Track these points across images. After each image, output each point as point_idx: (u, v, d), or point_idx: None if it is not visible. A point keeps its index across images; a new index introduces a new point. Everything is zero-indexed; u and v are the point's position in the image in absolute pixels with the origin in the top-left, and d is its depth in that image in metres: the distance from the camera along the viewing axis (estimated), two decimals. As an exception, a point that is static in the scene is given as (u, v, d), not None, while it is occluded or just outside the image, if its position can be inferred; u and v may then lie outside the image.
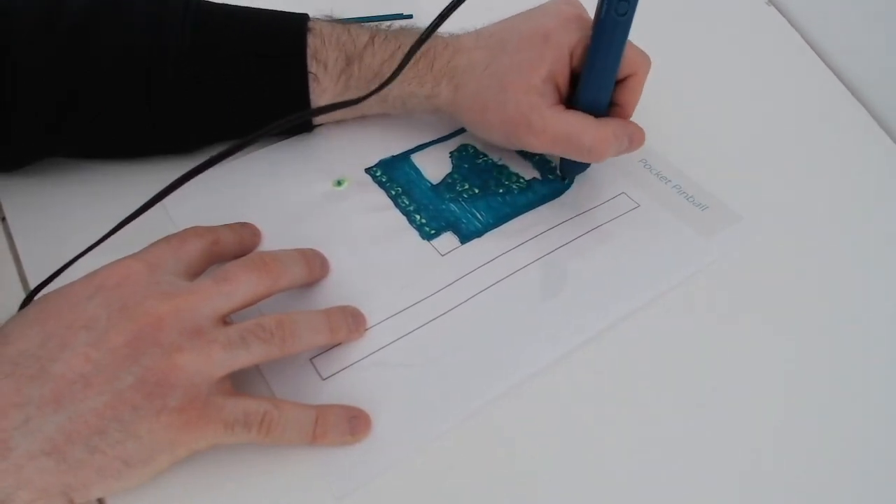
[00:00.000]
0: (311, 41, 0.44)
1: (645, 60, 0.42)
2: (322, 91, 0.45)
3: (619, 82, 0.42)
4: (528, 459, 0.36)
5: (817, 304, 0.43)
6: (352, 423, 0.36)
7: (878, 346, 0.41)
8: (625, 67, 0.41)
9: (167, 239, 0.36)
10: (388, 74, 0.43)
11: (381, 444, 0.36)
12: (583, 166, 0.47)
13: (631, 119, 0.43)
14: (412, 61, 0.43)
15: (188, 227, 0.38)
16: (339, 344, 0.39)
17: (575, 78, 0.43)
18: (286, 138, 0.49)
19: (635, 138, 0.43)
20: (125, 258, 0.35)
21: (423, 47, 0.43)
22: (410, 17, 0.59)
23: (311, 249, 0.41)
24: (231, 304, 0.34)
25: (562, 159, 0.46)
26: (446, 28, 0.40)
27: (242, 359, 0.33)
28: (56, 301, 0.33)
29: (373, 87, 0.43)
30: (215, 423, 0.32)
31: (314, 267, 0.40)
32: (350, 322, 0.39)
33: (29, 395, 0.30)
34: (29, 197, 0.45)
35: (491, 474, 0.36)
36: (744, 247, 0.45)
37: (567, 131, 0.41)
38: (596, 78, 0.41)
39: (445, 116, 0.47)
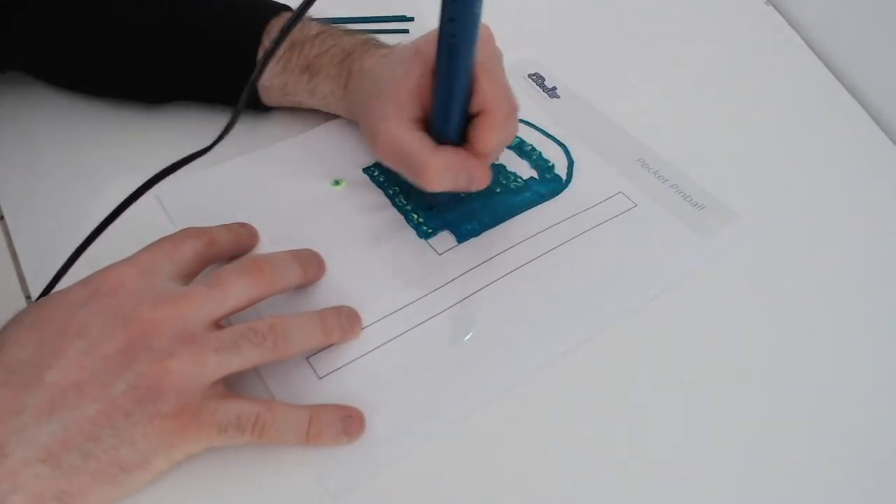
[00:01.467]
0: (274, 23, 0.46)
1: (503, 101, 0.39)
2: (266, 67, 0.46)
3: (473, 117, 0.39)
4: (524, 459, 0.36)
5: (816, 303, 0.43)
6: (346, 423, 0.36)
7: (878, 345, 0.41)
8: (478, 101, 0.38)
9: (161, 242, 0.36)
10: (316, 68, 0.46)
11: (378, 442, 0.36)
12: (439, 196, 0.43)
13: (489, 157, 0.41)
14: (340, 59, 0.46)
15: (184, 227, 0.38)
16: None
17: None
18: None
19: (475, 177, 0.40)
20: (118, 263, 0.35)
21: (352, 48, 0.46)
22: (412, 19, 0.59)
23: (308, 250, 0.41)
24: (224, 309, 0.34)
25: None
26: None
27: (235, 363, 0.33)
28: (50, 308, 0.33)
29: (304, 77, 0.46)
30: (209, 427, 0.32)
31: (310, 269, 0.40)
32: (344, 323, 0.38)
33: (24, 403, 0.30)
34: (28, 197, 0.46)
35: (487, 473, 0.36)
36: (741, 246, 0.45)
37: (404, 149, 0.39)
38: (439, 101, 0.39)
39: (353, 119, 0.47)
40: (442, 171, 0.39)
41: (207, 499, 0.34)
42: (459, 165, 0.39)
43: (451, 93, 0.38)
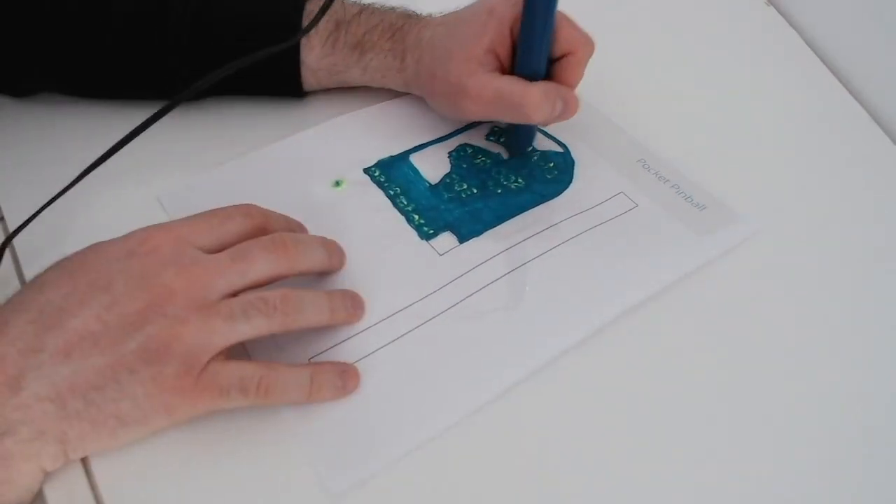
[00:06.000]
0: (308, 6, 0.48)
1: (584, 41, 0.44)
2: (311, 48, 0.48)
3: (557, 60, 0.44)
4: (524, 459, 0.36)
5: (816, 303, 0.43)
6: (343, 378, 0.37)
7: (877, 346, 0.41)
8: (561, 45, 0.43)
9: (214, 212, 0.37)
10: (367, 44, 0.47)
11: (379, 443, 0.36)
12: (527, 139, 0.49)
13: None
14: (390, 34, 0.47)
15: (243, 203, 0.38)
16: (336, 327, 0.39)
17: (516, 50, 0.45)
18: (274, 100, 0.51)
19: (569, 103, 0.44)
20: (161, 226, 0.36)
21: (400, 22, 0.47)
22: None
23: (333, 240, 0.41)
24: (244, 281, 0.35)
25: (506, 134, 0.49)
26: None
27: (244, 331, 0.34)
28: (90, 258, 0.35)
29: (354, 55, 0.47)
30: (210, 390, 0.33)
31: (333, 255, 0.41)
32: (349, 306, 0.39)
33: (45, 343, 0.32)
34: (27, 196, 0.45)
35: (488, 474, 0.36)
36: (741, 247, 0.45)
37: (500, 90, 0.43)
38: (527, 48, 0.43)
39: (413, 91, 0.50)
40: (542, 99, 0.43)
41: (207, 499, 0.34)
42: (555, 92, 0.43)
43: (542, 39, 0.43)
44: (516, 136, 0.49)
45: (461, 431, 0.37)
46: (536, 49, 0.43)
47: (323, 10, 0.39)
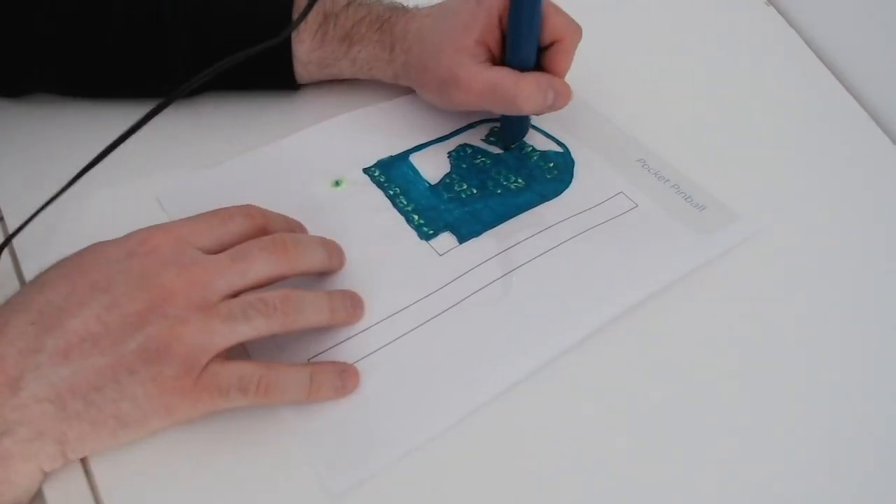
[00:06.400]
0: (298, 1, 0.48)
1: (572, 28, 0.44)
2: (301, 42, 0.48)
3: (546, 48, 0.44)
4: (524, 459, 0.36)
5: (815, 304, 0.43)
6: (342, 377, 0.37)
7: (877, 346, 0.41)
8: (550, 32, 0.44)
9: (214, 213, 0.37)
10: (355, 37, 0.47)
11: (379, 443, 0.36)
12: (519, 131, 0.49)
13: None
14: (378, 26, 0.47)
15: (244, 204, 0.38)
16: (336, 327, 0.39)
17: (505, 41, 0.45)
18: (269, 94, 0.51)
19: (561, 93, 0.45)
20: (161, 226, 0.36)
21: (386, 14, 0.48)
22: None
23: (332, 240, 0.41)
24: (244, 282, 0.35)
25: (501, 126, 0.49)
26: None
27: (244, 332, 0.34)
28: (89, 259, 0.35)
29: (343, 47, 0.47)
30: (210, 391, 0.33)
31: (333, 255, 0.41)
32: (349, 306, 0.39)
33: (45, 344, 0.32)
34: (28, 197, 0.45)
35: (488, 472, 0.36)
36: (741, 247, 0.45)
37: (492, 82, 0.44)
38: (516, 38, 0.43)
39: (402, 82, 0.50)
40: (534, 90, 0.43)
41: (207, 499, 0.34)
42: (546, 83, 0.44)
43: (530, 29, 0.43)
44: (508, 128, 0.49)
45: (461, 431, 0.37)
46: (525, 39, 0.43)
47: (311, 4, 0.39)
